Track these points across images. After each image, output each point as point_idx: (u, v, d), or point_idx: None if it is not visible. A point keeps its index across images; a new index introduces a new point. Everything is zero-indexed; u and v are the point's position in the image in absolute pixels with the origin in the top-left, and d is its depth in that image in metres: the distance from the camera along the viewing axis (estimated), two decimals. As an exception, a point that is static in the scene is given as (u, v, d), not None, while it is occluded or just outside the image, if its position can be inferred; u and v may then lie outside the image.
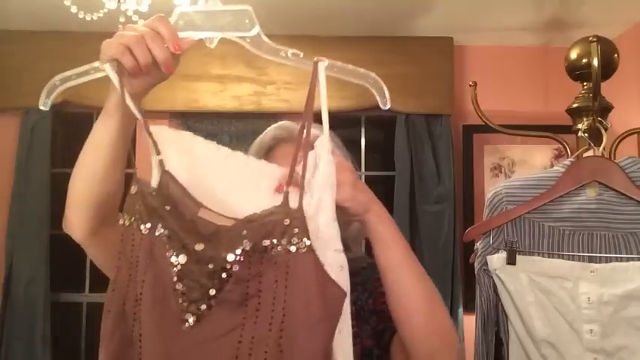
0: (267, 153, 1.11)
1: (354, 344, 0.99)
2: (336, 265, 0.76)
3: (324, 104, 0.83)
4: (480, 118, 1.53)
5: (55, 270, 3.03)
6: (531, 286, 1.24)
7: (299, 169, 0.78)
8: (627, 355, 1.19)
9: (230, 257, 0.74)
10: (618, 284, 1.20)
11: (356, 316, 1.03)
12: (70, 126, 3.34)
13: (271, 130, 1.15)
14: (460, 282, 3.03)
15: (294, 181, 0.78)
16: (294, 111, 3.12)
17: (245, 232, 0.74)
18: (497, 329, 1.29)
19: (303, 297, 0.73)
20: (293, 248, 0.74)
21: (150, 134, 0.81)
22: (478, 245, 1.33)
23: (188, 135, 0.85)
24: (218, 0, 0.86)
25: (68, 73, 0.88)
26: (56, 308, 3.06)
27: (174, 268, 0.76)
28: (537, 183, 1.30)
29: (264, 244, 0.74)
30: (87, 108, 3.02)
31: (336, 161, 0.83)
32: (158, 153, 0.81)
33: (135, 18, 2.24)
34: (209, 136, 0.86)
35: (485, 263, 1.29)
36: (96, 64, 0.85)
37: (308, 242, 0.74)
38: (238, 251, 0.74)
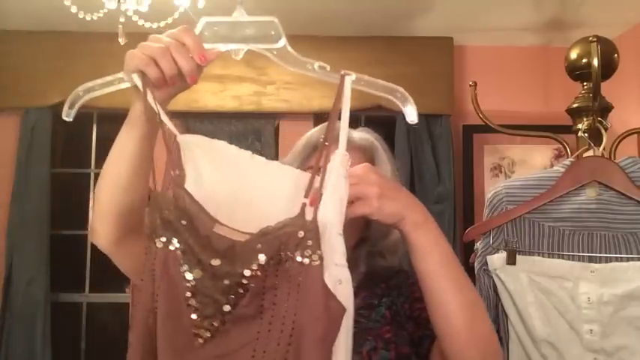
0: (314, 151, 1.08)
1: (389, 350, 0.98)
2: (335, 280, 0.75)
3: (345, 117, 0.80)
4: (480, 118, 1.53)
5: (55, 270, 3.03)
6: (531, 286, 1.24)
7: (318, 181, 0.77)
8: (627, 355, 1.19)
9: (247, 272, 0.73)
10: (618, 284, 1.20)
11: (391, 321, 1.02)
12: (70, 126, 3.32)
13: (319, 129, 1.11)
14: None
15: (307, 192, 0.77)
16: (294, 111, 3.13)
17: (259, 245, 0.74)
18: (497, 329, 1.29)
19: (311, 310, 0.72)
20: (306, 261, 0.73)
21: (168, 148, 0.80)
22: (478, 245, 1.33)
23: (222, 144, 0.83)
24: (244, 11, 0.85)
25: (91, 84, 0.88)
26: (56, 308, 3.06)
27: (188, 283, 0.75)
28: (537, 183, 1.30)
29: (278, 257, 0.74)
30: (87, 108, 3.02)
31: (361, 174, 0.82)
32: (175, 168, 0.80)
33: (135, 18, 2.24)
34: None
35: (485, 263, 1.29)
36: (120, 74, 0.85)
37: (320, 254, 0.73)
38: (254, 266, 0.73)
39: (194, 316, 0.75)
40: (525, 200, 1.29)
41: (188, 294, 0.75)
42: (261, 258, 0.73)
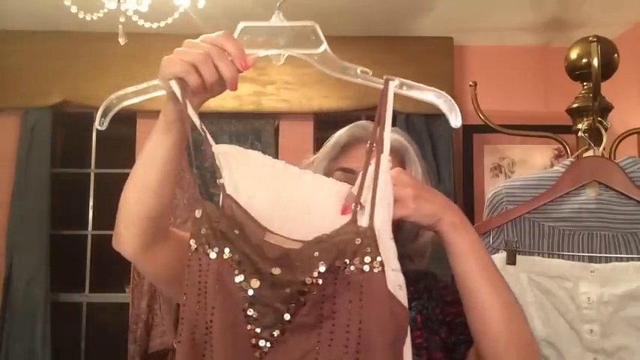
0: (342, 152, 1.06)
1: (420, 355, 0.95)
2: (395, 285, 0.74)
3: (388, 123, 0.79)
4: (480, 118, 1.53)
5: (55, 270, 3.04)
6: (531, 286, 1.24)
7: (366, 188, 0.76)
8: (627, 355, 1.18)
9: (308, 280, 0.72)
10: (618, 284, 1.20)
11: (422, 326, 1.00)
12: (70, 126, 3.34)
13: (349, 129, 1.09)
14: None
15: (357, 198, 0.76)
16: (294, 111, 3.12)
17: (317, 253, 0.73)
18: (497, 329, 1.29)
19: (378, 317, 0.72)
20: (366, 268, 0.72)
21: (214, 157, 0.79)
22: (478, 245, 1.33)
23: (256, 154, 0.82)
24: (282, 16, 0.84)
25: (123, 92, 0.85)
26: (56, 308, 3.06)
27: (245, 293, 0.74)
28: (537, 183, 1.30)
29: (337, 265, 0.73)
30: (87, 108, 3.03)
31: (394, 176, 0.81)
32: (220, 177, 0.78)
33: (135, 18, 2.24)
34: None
35: (485, 263, 1.29)
36: (155, 81, 0.82)
37: (381, 261, 0.73)
38: (315, 274, 0.72)
39: (253, 327, 0.74)
40: (525, 200, 1.29)
41: (246, 304, 0.73)
42: (321, 266, 0.72)
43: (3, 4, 2.79)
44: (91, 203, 3.28)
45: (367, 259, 0.72)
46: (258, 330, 0.73)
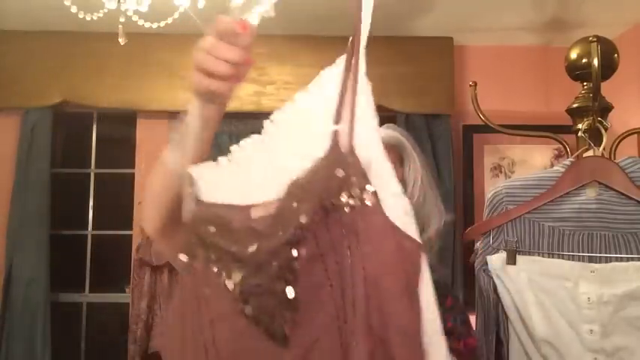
0: None
1: None
2: (400, 212, 0.61)
3: (367, 17, 0.68)
4: (480, 118, 1.53)
5: (55, 270, 3.04)
6: (531, 285, 1.24)
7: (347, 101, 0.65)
8: (627, 355, 1.18)
9: (292, 240, 0.60)
10: (618, 284, 1.20)
11: None
12: (70, 126, 3.34)
13: None
14: (460, 282, 3.03)
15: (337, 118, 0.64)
16: (294, 111, 3.12)
17: (295, 204, 0.60)
18: (498, 329, 1.29)
19: (382, 258, 0.60)
20: (357, 202, 0.60)
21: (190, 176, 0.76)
22: (478, 245, 1.33)
23: (212, 164, 0.79)
24: None
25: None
26: (56, 308, 3.06)
27: (235, 291, 0.63)
28: (537, 183, 1.30)
29: (322, 209, 0.60)
30: (87, 108, 3.03)
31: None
32: (190, 185, 0.75)
33: (135, 18, 2.24)
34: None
35: (486, 263, 1.29)
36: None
37: (371, 189, 0.60)
38: (299, 231, 0.59)
39: (260, 324, 0.63)
40: (525, 200, 1.29)
41: (241, 304, 0.63)
42: (302, 218, 0.59)
43: (3, 4, 2.79)
44: (91, 203, 3.28)
45: (355, 191, 0.60)
46: (267, 324, 0.63)
